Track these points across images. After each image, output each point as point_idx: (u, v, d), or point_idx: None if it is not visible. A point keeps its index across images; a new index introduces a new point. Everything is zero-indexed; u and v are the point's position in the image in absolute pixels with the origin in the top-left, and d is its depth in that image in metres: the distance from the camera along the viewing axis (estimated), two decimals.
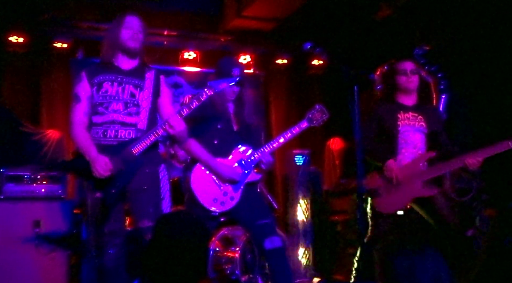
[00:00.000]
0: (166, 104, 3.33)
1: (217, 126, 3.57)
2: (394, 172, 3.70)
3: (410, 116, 3.85)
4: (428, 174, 3.72)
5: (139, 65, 3.28)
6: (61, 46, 6.24)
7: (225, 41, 6.94)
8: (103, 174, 3.02)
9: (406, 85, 3.85)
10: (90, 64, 3.37)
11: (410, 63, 3.90)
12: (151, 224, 3.07)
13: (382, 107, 3.93)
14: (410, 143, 3.82)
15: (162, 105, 3.31)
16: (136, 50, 3.23)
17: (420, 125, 3.84)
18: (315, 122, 3.63)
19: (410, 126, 3.83)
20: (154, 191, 3.19)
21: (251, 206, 3.55)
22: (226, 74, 3.49)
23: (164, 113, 3.30)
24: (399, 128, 3.81)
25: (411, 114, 3.85)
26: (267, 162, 3.59)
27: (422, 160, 3.76)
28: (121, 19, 3.22)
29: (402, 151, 3.83)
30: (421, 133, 3.84)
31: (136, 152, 3.08)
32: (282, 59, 7.24)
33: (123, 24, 3.19)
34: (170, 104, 3.37)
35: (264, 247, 3.45)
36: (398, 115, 3.84)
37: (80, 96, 3.17)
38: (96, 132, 3.15)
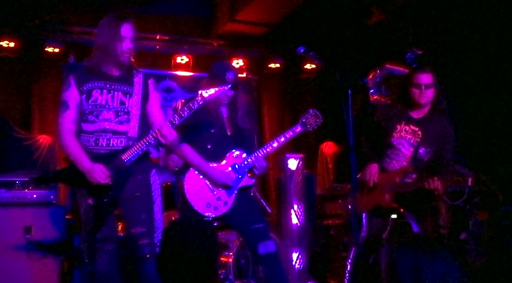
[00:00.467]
0: (155, 109, 3.26)
1: (211, 131, 3.55)
2: (369, 175, 3.74)
3: (409, 130, 3.78)
4: (397, 188, 3.74)
5: (127, 70, 3.20)
6: (52, 51, 6.21)
7: (217, 45, 6.94)
8: (102, 181, 2.98)
9: (418, 99, 3.72)
10: (77, 69, 3.27)
11: (427, 76, 3.70)
12: (143, 230, 3.07)
13: (384, 112, 3.91)
14: (401, 155, 3.82)
15: (151, 110, 3.24)
16: (128, 62, 3.15)
17: (416, 141, 3.78)
18: (309, 127, 3.62)
19: (405, 140, 3.79)
20: (146, 197, 3.16)
21: (245, 211, 3.53)
22: (220, 78, 3.47)
23: (153, 118, 3.24)
24: (393, 139, 3.80)
25: (411, 127, 3.78)
26: (260, 167, 3.58)
27: (401, 174, 3.77)
28: (116, 28, 3.07)
29: (392, 161, 3.83)
30: (414, 149, 3.82)
31: (128, 161, 3.05)
32: (275, 64, 7.24)
33: (119, 34, 3.06)
34: (159, 109, 3.29)
35: (258, 251, 3.43)
36: (397, 126, 3.81)
37: (69, 104, 3.10)
38: (87, 140, 3.10)
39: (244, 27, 6.65)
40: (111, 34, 3.07)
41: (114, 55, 3.09)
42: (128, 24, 3.11)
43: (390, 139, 3.80)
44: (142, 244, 3.06)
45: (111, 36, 3.06)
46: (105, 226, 3.09)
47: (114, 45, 3.06)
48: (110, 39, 3.06)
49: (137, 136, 3.14)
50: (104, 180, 2.98)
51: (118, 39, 3.07)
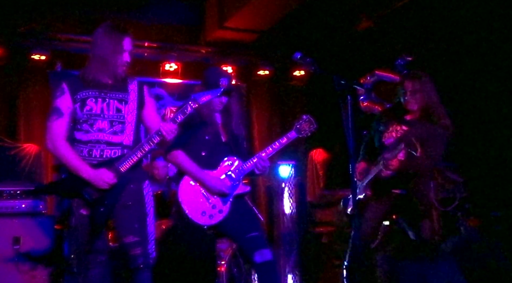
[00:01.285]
0: (152, 115, 3.23)
1: (205, 138, 3.51)
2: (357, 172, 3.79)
3: (399, 129, 3.81)
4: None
5: (119, 77, 3.14)
6: (39, 59, 6.11)
7: (206, 52, 6.90)
8: (110, 182, 2.94)
9: (405, 105, 3.76)
10: (70, 77, 3.20)
11: (411, 83, 3.73)
12: (136, 240, 3.01)
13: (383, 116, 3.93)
14: None
15: (147, 116, 3.21)
16: (123, 74, 3.12)
17: None
18: (303, 133, 3.59)
19: (393, 139, 3.82)
20: (138, 206, 3.09)
21: (240, 219, 3.49)
22: (213, 84, 3.43)
23: (150, 124, 3.20)
24: (384, 139, 3.82)
25: (402, 127, 3.80)
26: (263, 167, 3.53)
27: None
28: (118, 41, 3.04)
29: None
30: None
31: (124, 169, 2.99)
32: (264, 71, 7.22)
33: (122, 48, 3.04)
34: (156, 114, 3.27)
35: (254, 260, 3.38)
36: (390, 127, 3.82)
37: (62, 111, 3.02)
38: (80, 150, 3.03)
39: (233, 34, 6.64)
40: (113, 47, 3.03)
41: (113, 67, 3.06)
42: (129, 38, 3.10)
43: (381, 140, 3.82)
44: (135, 254, 3.00)
45: (112, 48, 3.03)
46: (97, 238, 3.03)
47: (114, 57, 3.04)
48: (112, 52, 3.03)
49: (132, 144, 3.09)
50: (111, 180, 2.93)
51: (120, 52, 3.04)
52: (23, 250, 4.24)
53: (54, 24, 6.24)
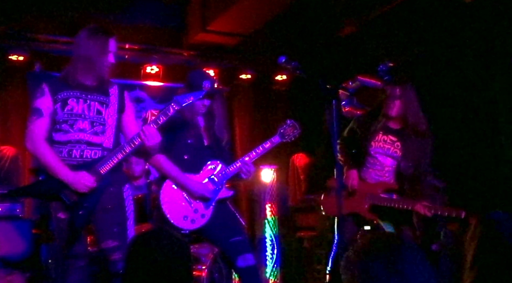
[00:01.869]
0: (131, 120, 3.22)
1: (187, 141, 3.47)
2: (351, 181, 3.76)
3: (387, 140, 3.81)
4: (378, 201, 3.74)
5: (102, 80, 3.14)
6: (17, 59, 5.98)
7: (188, 55, 6.85)
8: (91, 185, 2.89)
9: (385, 110, 3.78)
10: (50, 78, 3.17)
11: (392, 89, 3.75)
12: (115, 244, 2.96)
13: (364, 121, 3.92)
14: (378, 164, 3.83)
15: (126, 121, 3.19)
16: (107, 76, 3.13)
17: (394, 151, 3.80)
18: (287, 138, 3.58)
19: (382, 149, 3.81)
20: (118, 210, 3.05)
21: (223, 223, 3.46)
22: (197, 87, 3.39)
23: (127, 129, 3.19)
24: (370, 149, 3.81)
25: (390, 137, 3.80)
26: (248, 171, 3.51)
27: (383, 187, 3.78)
28: (104, 42, 3.05)
29: (369, 170, 3.84)
30: (393, 159, 3.83)
31: (104, 171, 2.94)
32: (246, 75, 7.20)
33: (107, 48, 3.05)
34: (134, 120, 3.27)
35: (237, 265, 3.36)
36: (376, 136, 3.81)
37: (43, 111, 2.98)
38: (59, 151, 2.97)
39: (215, 38, 6.60)
40: (98, 48, 3.03)
41: (98, 68, 3.04)
42: (114, 39, 3.11)
43: (368, 149, 3.81)
44: (115, 259, 2.95)
45: (98, 50, 3.03)
46: (77, 242, 2.97)
47: (99, 59, 3.03)
48: (97, 53, 3.02)
49: (112, 147, 3.05)
50: (92, 183, 2.89)
51: (105, 54, 3.04)
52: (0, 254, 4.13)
53: (34, 25, 6.12)
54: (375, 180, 3.83)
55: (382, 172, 3.83)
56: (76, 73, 3.04)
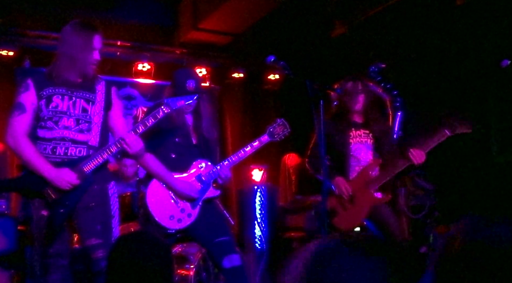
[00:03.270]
0: (117, 117, 3.16)
1: (175, 140, 3.43)
2: (344, 187, 3.72)
3: (361, 134, 3.86)
4: (379, 180, 3.74)
5: (87, 76, 3.08)
6: (6, 54, 5.95)
7: (180, 53, 6.83)
8: (73, 183, 2.85)
9: (349, 105, 3.89)
10: (36, 74, 3.11)
11: (351, 84, 3.92)
12: (99, 242, 2.92)
13: (332, 125, 3.91)
14: (362, 160, 3.83)
15: (113, 119, 3.14)
16: (92, 73, 3.06)
17: (372, 142, 3.86)
18: (277, 137, 3.54)
19: (362, 144, 3.83)
20: (102, 208, 3.01)
21: (209, 223, 3.42)
22: (181, 86, 3.37)
23: (115, 127, 3.14)
24: (351, 146, 3.81)
25: (362, 131, 3.87)
26: (225, 177, 3.47)
27: (371, 169, 3.77)
28: (88, 39, 2.98)
29: (354, 169, 3.84)
30: (372, 150, 3.85)
31: (88, 170, 2.90)
32: (238, 73, 7.19)
33: (91, 46, 2.98)
34: (121, 117, 3.20)
35: (222, 265, 3.32)
36: (350, 133, 3.84)
37: (26, 107, 2.92)
38: (43, 148, 2.92)
39: (207, 36, 6.58)
40: (82, 45, 2.97)
41: (82, 65, 2.99)
42: (99, 36, 3.04)
43: (348, 149, 3.81)
44: (98, 257, 2.91)
45: (82, 46, 2.97)
46: (58, 240, 2.93)
47: (83, 56, 2.97)
48: (81, 50, 2.97)
49: (98, 145, 3.01)
50: (74, 180, 2.85)
51: (89, 50, 2.98)
52: None
53: (23, 20, 6.08)
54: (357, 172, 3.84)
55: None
56: (60, 70, 2.99)
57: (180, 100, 3.00)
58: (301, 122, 4.17)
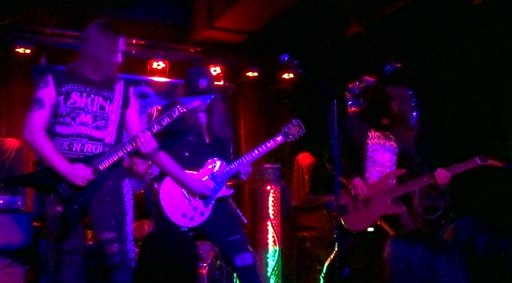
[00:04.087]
0: (133, 116, 3.20)
1: (189, 138, 3.44)
2: (361, 189, 3.69)
3: (380, 135, 3.82)
4: (398, 191, 3.71)
5: (108, 76, 3.13)
6: (23, 52, 6.00)
7: (194, 52, 6.84)
8: (88, 178, 2.88)
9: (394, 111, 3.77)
10: (56, 70, 3.15)
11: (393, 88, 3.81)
12: (113, 236, 2.94)
13: (352, 124, 3.89)
14: (378, 161, 3.80)
15: (129, 117, 3.18)
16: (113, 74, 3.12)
17: (390, 144, 3.82)
18: (291, 137, 3.52)
19: (380, 145, 3.80)
20: (116, 203, 3.03)
21: (222, 222, 3.43)
22: (193, 84, 3.38)
23: (130, 125, 3.18)
24: (368, 147, 3.78)
25: (381, 133, 3.82)
26: (246, 172, 3.48)
27: (392, 177, 3.74)
28: (115, 41, 3.04)
29: (370, 169, 3.81)
30: (391, 152, 3.81)
31: (103, 167, 2.93)
32: (252, 72, 7.18)
33: (116, 47, 3.04)
34: (137, 117, 3.24)
35: (235, 264, 3.32)
36: (368, 133, 3.80)
37: (45, 102, 2.96)
38: (60, 144, 2.96)
39: (221, 35, 6.58)
40: (108, 47, 3.02)
41: (106, 67, 3.04)
42: (123, 38, 3.11)
43: (365, 149, 3.78)
44: (112, 251, 2.93)
45: (108, 48, 3.02)
46: (72, 236, 2.96)
47: (109, 58, 3.03)
48: (107, 52, 3.01)
49: (114, 143, 3.04)
50: (89, 175, 2.87)
51: (114, 53, 3.04)
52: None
53: (40, 18, 6.13)
54: (378, 177, 3.80)
55: (383, 168, 3.80)
56: (84, 69, 3.03)
57: (196, 100, 3.01)
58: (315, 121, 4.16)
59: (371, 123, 3.85)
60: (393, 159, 3.83)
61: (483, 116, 4.86)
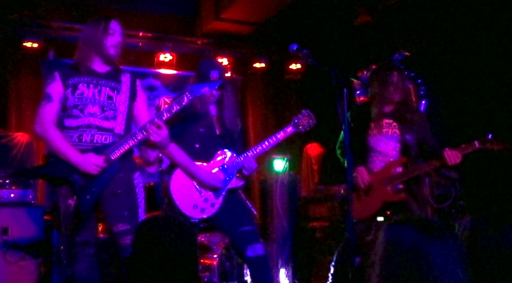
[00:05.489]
0: (142, 108, 3.21)
1: (199, 130, 3.44)
2: (365, 177, 3.67)
3: (383, 124, 3.75)
4: (400, 177, 3.68)
5: (113, 68, 3.16)
6: (31, 46, 6.02)
7: (202, 44, 6.83)
8: (100, 165, 2.89)
9: (391, 96, 3.72)
10: (62, 65, 3.20)
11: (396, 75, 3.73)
12: (126, 228, 2.94)
13: (355, 113, 3.87)
14: (381, 151, 3.76)
15: (137, 109, 3.19)
16: (116, 57, 3.13)
17: (394, 132, 3.76)
18: (301, 128, 3.51)
19: (382, 135, 3.75)
20: (128, 195, 3.03)
21: (233, 213, 3.43)
22: (205, 76, 3.37)
23: (139, 117, 3.18)
24: (370, 137, 3.75)
25: (385, 121, 3.75)
26: (250, 168, 3.47)
27: (395, 165, 3.71)
28: (105, 24, 3.06)
29: (373, 159, 3.78)
30: (394, 141, 3.76)
31: (114, 157, 2.94)
32: (260, 63, 7.16)
33: (108, 30, 3.05)
34: (146, 109, 3.25)
35: (246, 255, 3.33)
36: (371, 123, 3.77)
37: (52, 96, 3.00)
38: (70, 136, 2.97)
39: (229, 26, 6.56)
40: (99, 29, 3.05)
41: (103, 48, 3.05)
42: (116, 21, 3.12)
43: (367, 140, 3.76)
44: (125, 243, 2.92)
45: (99, 30, 3.05)
46: (84, 229, 2.97)
47: (102, 38, 3.04)
48: (99, 33, 3.04)
49: (124, 133, 3.05)
50: (101, 166, 2.88)
51: (107, 33, 3.05)
52: (12, 240, 4.17)
53: (48, 12, 6.14)
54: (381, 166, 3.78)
55: (387, 158, 3.76)
56: (85, 59, 3.07)
57: (204, 87, 2.99)
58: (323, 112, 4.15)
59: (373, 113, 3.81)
60: (397, 147, 3.77)
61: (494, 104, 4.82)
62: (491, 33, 4.85)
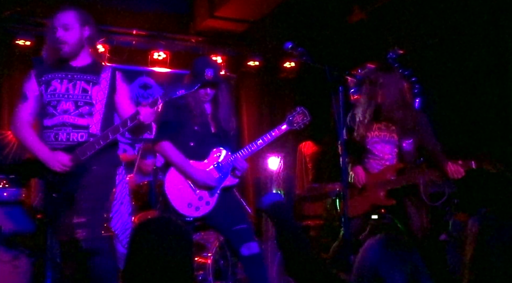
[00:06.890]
0: (123, 100, 3.14)
1: (194, 128, 3.43)
2: (361, 178, 3.69)
3: (382, 127, 3.76)
4: (395, 184, 3.69)
5: (92, 63, 3.10)
6: (23, 44, 5.98)
7: (196, 42, 6.81)
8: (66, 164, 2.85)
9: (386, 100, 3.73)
10: (40, 63, 3.15)
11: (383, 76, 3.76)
12: (81, 220, 2.84)
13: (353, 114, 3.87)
14: (377, 153, 3.77)
15: (118, 102, 3.12)
16: (66, 54, 3.02)
17: (391, 136, 3.76)
18: (296, 125, 3.50)
19: (379, 138, 3.76)
20: (96, 188, 2.94)
21: (227, 211, 3.43)
22: (199, 74, 3.36)
23: (121, 109, 3.12)
24: (367, 139, 3.76)
25: (384, 124, 3.77)
26: (241, 168, 3.46)
27: (391, 170, 3.72)
28: (53, 18, 3.06)
29: (370, 161, 3.79)
30: (391, 145, 3.77)
31: (84, 157, 2.89)
32: (254, 62, 7.15)
33: (53, 23, 3.03)
34: (127, 99, 3.16)
35: (241, 253, 3.33)
36: (370, 126, 3.77)
37: (27, 95, 3.00)
38: (48, 136, 2.96)
39: (223, 24, 6.55)
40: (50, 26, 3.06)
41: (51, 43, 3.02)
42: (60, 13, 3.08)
43: (364, 141, 3.76)
44: (79, 237, 2.82)
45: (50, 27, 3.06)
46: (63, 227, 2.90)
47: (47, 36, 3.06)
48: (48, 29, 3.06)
49: (100, 133, 2.98)
50: (67, 164, 2.85)
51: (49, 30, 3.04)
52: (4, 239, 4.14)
53: (40, 9, 6.09)
54: (378, 169, 3.78)
55: (382, 161, 3.78)
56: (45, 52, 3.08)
57: (180, 90, 2.95)
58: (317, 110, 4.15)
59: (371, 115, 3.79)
60: (394, 151, 3.79)
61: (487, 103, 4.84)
62: (485, 30, 4.87)
